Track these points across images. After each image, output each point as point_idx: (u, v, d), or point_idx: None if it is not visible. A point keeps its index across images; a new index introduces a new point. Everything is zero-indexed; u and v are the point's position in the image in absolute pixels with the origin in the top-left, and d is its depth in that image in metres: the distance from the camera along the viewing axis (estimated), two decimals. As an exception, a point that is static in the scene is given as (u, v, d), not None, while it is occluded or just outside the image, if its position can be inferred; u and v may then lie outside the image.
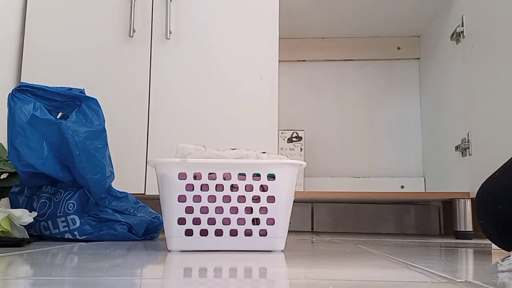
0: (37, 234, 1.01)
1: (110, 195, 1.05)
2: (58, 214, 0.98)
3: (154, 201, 1.18)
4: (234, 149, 0.84)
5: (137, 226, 1.04)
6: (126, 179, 1.31)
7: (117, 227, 1.02)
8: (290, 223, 0.85)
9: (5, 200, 1.07)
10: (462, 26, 1.45)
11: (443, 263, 0.67)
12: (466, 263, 0.72)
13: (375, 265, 0.59)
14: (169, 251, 0.78)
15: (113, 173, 1.04)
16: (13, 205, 1.04)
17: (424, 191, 1.80)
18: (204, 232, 0.78)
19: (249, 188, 0.79)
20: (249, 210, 0.80)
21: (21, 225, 0.89)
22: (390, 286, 0.44)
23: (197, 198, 0.78)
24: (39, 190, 1.02)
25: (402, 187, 1.82)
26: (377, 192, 1.48)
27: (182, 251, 0.78)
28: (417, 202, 1.78)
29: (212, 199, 0.79)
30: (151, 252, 0.78)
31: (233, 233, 0.80)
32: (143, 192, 1.33)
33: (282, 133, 1.74)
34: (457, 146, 1.48)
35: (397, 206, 1.80)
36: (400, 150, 1.86)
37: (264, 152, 0.84)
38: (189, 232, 0.78)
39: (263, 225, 0.80)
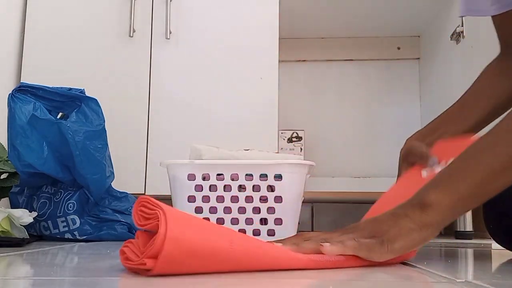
0: (37, 234, 1.01)
1: (110, 195, 1.05)
2: (58, 214, 0.98)
3: (154, 201, 1.18)
4: (248, 149, 0.84)
5: (137, 226, 1.04)
6: (126, 179, 1.31)
7: (117, 227, 1.02)
8: (299, 223, 0.85)
9: (5, 200, 1.07)
10: (462, 26, 1.45)
11: (443, 263, 0.67)
12: (466, 263, 0.72)
13: (375, 265, 0.59)
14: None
15: (113, 173, 1.04)
16: (13, 205, 1.04)
17: (424, 191, 1.79)
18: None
19: (256, 188, 0.80)
20: (257, 210, 0.80)
21: (21, 225, 0.88)
22: (390, 286, 0.44)
23: (206, 199, 0.79)
24: (39, 190, 1.02)
25: (402, 187, 1.82)
26: (377, 192, 1.48)
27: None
28: (417, 202, 1.77)
29: (220, 199, 0.80)
30: (151, 252, 0.78)
31: (241, 233, 0.80)
32: (143, 192, 1.32)
33: (282, 133, 1.74)
34: (457, 146, 1.47)
35: (397, 206, 1.80)
36: (400, 150, 1.86)
37: (277, 153, 0.84)
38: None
39: (271, 225, 0.80)
